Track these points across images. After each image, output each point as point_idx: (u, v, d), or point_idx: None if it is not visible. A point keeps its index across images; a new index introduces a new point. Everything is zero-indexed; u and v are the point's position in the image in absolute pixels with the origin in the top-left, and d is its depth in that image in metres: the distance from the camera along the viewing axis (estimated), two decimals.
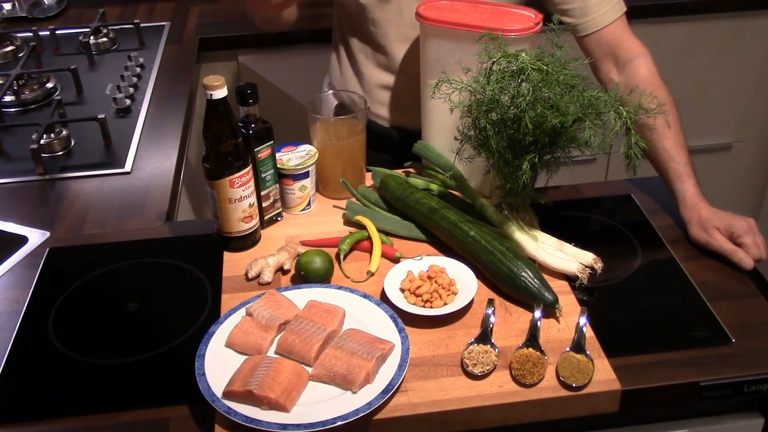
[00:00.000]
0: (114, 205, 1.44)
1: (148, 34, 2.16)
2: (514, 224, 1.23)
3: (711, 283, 1.20)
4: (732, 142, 2.56)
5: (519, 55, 1.12)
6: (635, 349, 1.08)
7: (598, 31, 1.37)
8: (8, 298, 1.22)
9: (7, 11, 2.32)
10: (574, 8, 1.36)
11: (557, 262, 1.19)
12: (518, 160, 1.16)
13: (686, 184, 1.29)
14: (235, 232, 1.27)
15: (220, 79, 1.15)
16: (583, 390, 1.01)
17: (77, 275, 1.26)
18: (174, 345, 1.12)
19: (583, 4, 1.36)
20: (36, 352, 1.12)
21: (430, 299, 1.13)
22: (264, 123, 1.27)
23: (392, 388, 0.99)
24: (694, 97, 2.43)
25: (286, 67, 2.20)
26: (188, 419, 1.00)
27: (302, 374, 1.01)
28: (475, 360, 1.04)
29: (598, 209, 1.41)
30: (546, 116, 1.08)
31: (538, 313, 1.10)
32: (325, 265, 1.19)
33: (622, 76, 1.36)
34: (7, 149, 1.63)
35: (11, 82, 1.82)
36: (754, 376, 1.04)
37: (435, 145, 1.41)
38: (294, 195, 1.36)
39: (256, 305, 1.11)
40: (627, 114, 1.10)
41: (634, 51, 1.36)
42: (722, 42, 2.35)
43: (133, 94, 1.83)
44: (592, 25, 1.37)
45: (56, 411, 1.02)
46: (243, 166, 1.23)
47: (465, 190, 1.33)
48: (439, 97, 1.16)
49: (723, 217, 1.25)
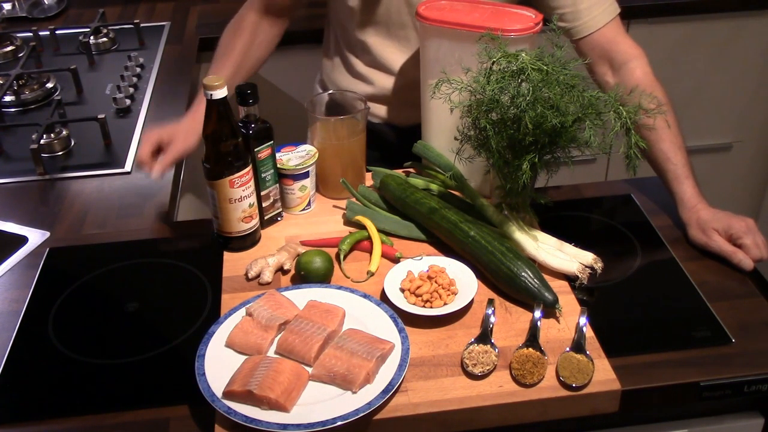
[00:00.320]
0: (114, 205, 1.44)
1: (148, 34, 2.16)
2: (514, 224, 1.23)
3: (711, 283, 1.20)
4: (732, 142, 2.56)
5: (519, 55, 1.12)
6: (635, 349, 1.08)
7: (591, 34, 1.36)
8: (8, 298, 1.22)
9: (7, 11, 2.32)
10: (565, 12, 1.36)
11: (557, 262, 1.19)
12: (518, 160, 1.16)
13: (684, 185, 1.28)
14: (235, 232, 1.27)
15: (220, 79, 1.15)
16: (583, 390, 1.01)
17: (77, 275, 1.26)
18: (174, 345, 1.12)
19: (575, 8, 1.35)
20: (36, 352, 1.12)
21: (430, 299, 1.13)
22: (264, 123, 1.27)
23: (392, 388, 0.99)
24: (694, 97, 2.43)
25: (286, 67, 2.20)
26: (188, 419, 1.00)
27: (302, 374, 1.01)
28: (475, 360, 1.04)
29: (598, 209, 1.41)
30: (546, 116, 1.08)
31: (538, 313, 1.10)
32: (325, 265, 1.19)
33: (617, 79, 1.35)
34: (7, 149, 1.63)
35: (11, 82, 1.82)
36: (754, 376, 1.04)
37: (435, 145, 1.41)
38: (294, 195, 1.36)
39: (256, 305, 1.11)
40: (627, 114, 1.10)
41: (628, 53, 1.35)
42: (722, 42, 2.35)
43: (133, 94, 1.83)
44: (584, 28, 1.36)
45: (56, 411, 1.02)
46: (243, 166, 1.23)
47: (465, 190, 1.33)
48: (439, 97, 1.16)
49: (722, 219, 1.25)
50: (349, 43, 1.55)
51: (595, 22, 1.36)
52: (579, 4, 1.35)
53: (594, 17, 1.35)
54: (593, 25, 1.36)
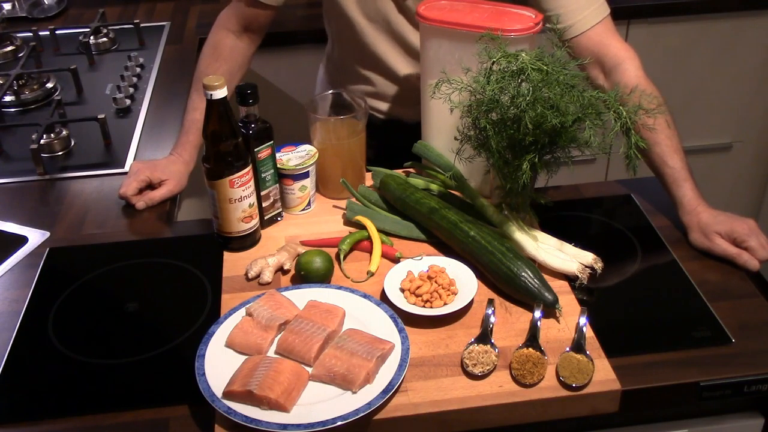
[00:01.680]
0: (114, 205, 1.44)
1: (148, 34, 2.16)
2: (514, 224, 1.23)
3: (711, 283, 1.20)
4: (732, 142, 2.56)
5: (519, 55, 1.12)
6: (635, 349, 1.08)
7: (578, 37, 1.35)
8: (8, 298, 1.22)
9: (7, 11, 2.32)
10: (554, 14, 1.34)
11: (557, 262, 1.19)
12: (518, 160, 1.16)
13: (683, 188, 1.28)
14: (235, 232, 1.27)
15: (220, 79, 1.15)
16: (583, 390, 1.01)
17: (77, 275, 1.26)
18: (174, 345, 1.12)
19: (563, 9, 1.34)
20: (36, 352, 1.12)
21: (430, 299, 1.13)
22: (264, 123, 1.27)
23: (392, 388, 0.99)
24: (694, 97, 2.43)
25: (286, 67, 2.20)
26: (188, 419, 1.00)
27: (302, 374, 1.01)
28: (475, 360, 1.04)
29: (598, 209, 1.41)
30: (546, 116, 1.08)
31: (538, 313, 1.10)
32: (325, 265, 1.19)
33: (609, 83, 1.34)
34: (7, 149, 1.63)
35: (11, 82, 1.82)
36: (754, 376, 1.04)
37: (435, 145, 1.41)
38: (294, 195, 1.36)
39: (256, 305, 1.11)
40: (627, 114, 1.10)
41: (618, 56, 1.34)
42: (722, 42, 2.35)
43: (133, 94, 1.83)
44: (572, 30, 1.35)
45: (56, 411, 1.02)
46: (243, 166, 1.23)
47: (465, 190, 1.33)
48: (439, 97, 1.16)
49: (723, 221, 1.24)
50: (349, 46, 1.55)
51: (582, 24, 1.34)
52: (567, 6, 1.34)
53: (581, 19, 1.34)
54: (581, 27, 1.35)
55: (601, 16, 1.36)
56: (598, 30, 1.35)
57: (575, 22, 1.34)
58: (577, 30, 1.35)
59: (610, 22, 1.37)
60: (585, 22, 1.35)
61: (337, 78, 1.64)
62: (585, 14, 1.34)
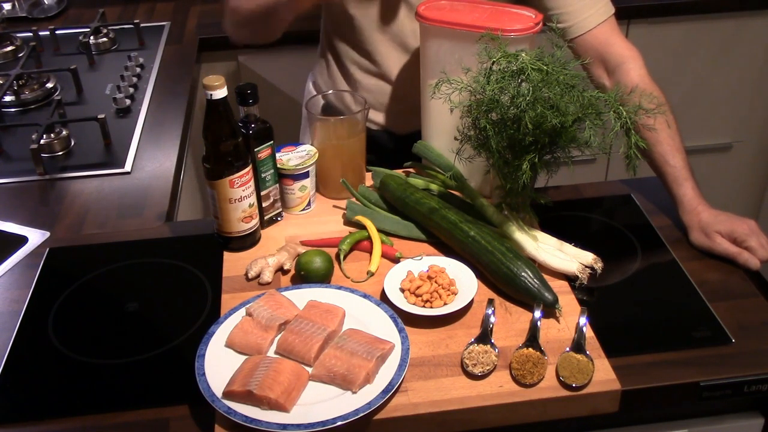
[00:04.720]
0: (114, 205, 1.44)
1: (148, 34, 2.16)
2: (514, 224, 1.23)
3: (711, 283, 1.20)
4: (732, 142, 2.56)
5: (519, 55, 1.12)
6: (635, 349, 1.08)
7: (583, 35, 1.35)
8: (8, 298, 1.22)
9: (7, 11, 2.32)
10: (558, 13, 1.35)
11: (557, 262, 1.19)
12: (518, 160, 1.16)
13: (683, 187, 1.28)
14: (235, 232, 1.27)
15: (220, 79, 1.15)
16: (583, 390, 1.01)
17: (77, 275, 1.26)
18: (174, 345, 1.12)
19: (566, 9, 1.34)
20: (36, 352, 1.12)
21: (430, 299, 1.13)
22: (264, 123, 1.27)
23: (392, 388, 0.99)
24: (694, 97, 2.43)
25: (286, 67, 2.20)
26: (188, 419, 1.00)
27: (302, 374, 1.01)
28: (475, 360, 1.04)
29: (598, 209, 1.41)
30: (546, 116, 1.08)
31: (538, 313, 1.10)
32: (325, 265, 1.19)
33: (612, 82, 1.34)
34: (7, 149, 1.63)
35: (11, 82, 1.82)
36: (754, 376, 1.04)
37: (435, 145, 1.41)
38: (294, 195, 1.36)
39: (256, 305, 1.11)
40: (627, 114, 1.10)
41: (622, 55, 1.34)
42: (722, 42, 2.35)
43: (133, 94, 1.83)
44: (576, 29, 1.35)
45: (56, 411, 1.02)
46: (243, 166, 1.23)
47: (465, 190, 1.33)
48: (439, 97, 1.16)
49: (724, 221, 1.24)
50: (346, 51, 1.55)
51: (587, 23, 1.35)
52: (571, 5, 1.34)
53: (585, 18, 1.35)
54: (585, 26, 1.35)
55: (606, 15, 1.36)
56: (602, 29, 1.36)
57: (580, 21, 1.35)
58: (582, 28, 1.35)
59: (615, 22, 1.37)
60: (590, 20, 1.35)
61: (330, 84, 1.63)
62: (590, 12, 1.35)
